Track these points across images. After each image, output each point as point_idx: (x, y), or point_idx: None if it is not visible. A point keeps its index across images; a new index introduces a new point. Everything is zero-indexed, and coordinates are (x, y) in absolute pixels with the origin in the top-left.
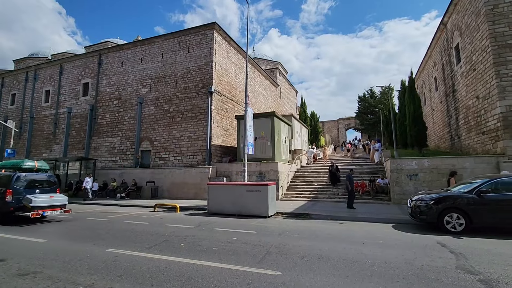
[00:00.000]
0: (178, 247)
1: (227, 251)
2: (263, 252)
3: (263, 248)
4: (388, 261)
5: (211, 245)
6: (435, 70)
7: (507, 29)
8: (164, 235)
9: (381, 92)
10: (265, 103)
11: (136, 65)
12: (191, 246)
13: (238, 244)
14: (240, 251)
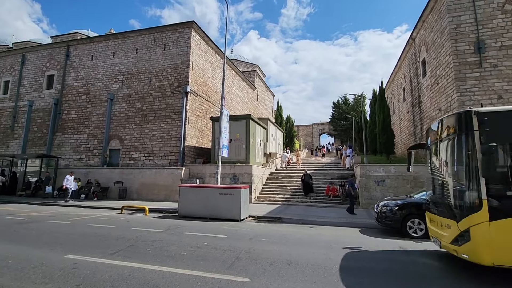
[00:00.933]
0: (144, 252)
1: (196, 256)
2: (233, 258)
3: (233, 254)
4: (353, 267)
5: (180, 250)
6: (404, 82)
7: (468, 48)
8: (130, 239)
9: (354, 99)
10: (241, 105)
11: (107, 60)
12: (158, 251)
13: (207, 249)
14: (209, 257)
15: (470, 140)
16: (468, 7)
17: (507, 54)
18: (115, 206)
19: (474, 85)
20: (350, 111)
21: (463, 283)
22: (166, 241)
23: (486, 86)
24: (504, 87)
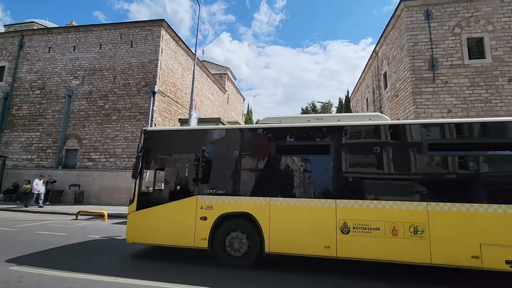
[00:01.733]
0: (100, 262)
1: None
2: None
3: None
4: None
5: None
6: (367, 92)
7: (423, 64)
8: (84, 248)
9: (322, 106)
10: (211, 108)
11: (67, 53)
12: (117, 261)
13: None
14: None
15: (138, 150)
16: (424, 27)
17: (456, 73)
18: (70, 211)
19: (428, 99)
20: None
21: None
22: (126, 250)
23: (438, 101)
24: (453, 102)
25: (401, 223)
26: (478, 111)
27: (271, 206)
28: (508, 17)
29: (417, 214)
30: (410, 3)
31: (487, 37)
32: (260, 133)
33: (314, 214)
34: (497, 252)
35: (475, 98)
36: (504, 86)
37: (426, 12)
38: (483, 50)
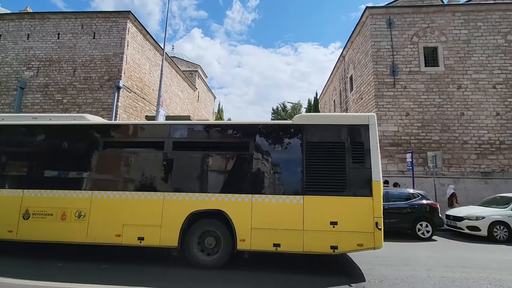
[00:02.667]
0: (54, 267)
1: (117, 270)
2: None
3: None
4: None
5: (100, 263)
6: (335, 94)
7: (385, 70)
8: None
9: (292, 107)
10: (180, 105)
11: (20, 42)
12: (69, 265)
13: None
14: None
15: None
16: (386, 35)
17: (413, 79)
18: None
19: (389, 103)
20: (288, 118)
21: None
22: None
23: (398, 104)
24: (411, 106)
25: (69, 209)
26: (432, 115)
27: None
28: (458, 30)
29: (83, 201)
30: (374, 11)
31: (440, 47)
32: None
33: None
34: (132, 231)
35: (430, 103)
36: (454, 92)
37: (388, 21)
38: (437, 58)
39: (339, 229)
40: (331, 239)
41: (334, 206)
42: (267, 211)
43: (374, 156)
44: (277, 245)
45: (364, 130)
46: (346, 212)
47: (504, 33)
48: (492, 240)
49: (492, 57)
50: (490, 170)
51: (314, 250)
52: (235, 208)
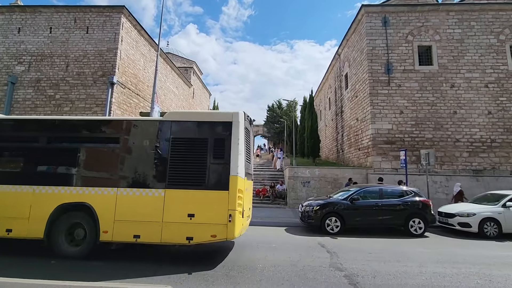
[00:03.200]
0: (46, 266)
1: (111, 264)
2: (155, 265)
3: (155, 262)
4: (277, 265)
5: (90, 261)
6: (330, 92)
7: (380, 68)
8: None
9: (287, 104)
10: (175, 102)
11: (10, 35)
12: (72, 262)
13: (126, 254)
14: (128, 263)
15: None
16: (382, 33)
17: (408, 77)
18: None
19: (383, 101)
20: (283, 115)
21: None
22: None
23: (392, 102)
24: (405, 104)
25: None
26: (425, 113)
27: None
28: (452, 29)
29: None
30: (370, 9)
31: (434, 46)
32: None
33: None
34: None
35: (423, 101)
36: (447, 91)
37: (383, 19)
38: (431, 57)
39: (196, 221)
40: (187, 230)
41: (193, 199)
42: (130, 204)
43: (234, 152)
44: (137, 236)
45: (227, 127)
46: (203, 205)
47: (496, 33)
48: (482, 237)
49: (485, 57)
50: (481, 168)
51: (171, 241)
52: (100, 201)
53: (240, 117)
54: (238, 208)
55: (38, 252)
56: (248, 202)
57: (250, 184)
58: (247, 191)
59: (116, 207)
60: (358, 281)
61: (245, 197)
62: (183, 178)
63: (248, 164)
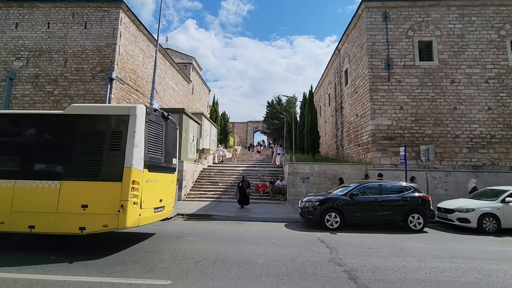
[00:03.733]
0: (46, 260)
1: (112, 261)
2: (155, 260)
3: (156, 255)
4: (276, 260)
5: (93, 256)
6: (330, 88)
7: (380, 63)
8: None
9: (287, 100)
10: (175, 98)
11: (8, 31)
12: (66, 258)
13: (126, 252)
14: (128, 261)
15: None
16: (382, 28)
17: (408, 73)
18: None
19: (383, 96)
20: (283, 111)
21: None
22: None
23: (392, 98)
24: (405, 100)
25: None
26: (425, 109)
27: None
28: (453, 24)
29: None
30: (370, 4)
31: (435, 41)
32: None
33: None
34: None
35: (423, 97)
36: (447, 87)
37: (384, 14)
38: (431, 53)
39: (89, 212)
40: (80, 221)
41: (87, 191)
42: (27, 195)
43: (130, 144)
44: (32, 226)
45: (125, 121)
46: (96, 196)
47: (497, 28)
48: (481, 232)
49: (485, 52)
50: (480, 163)
51: (64, 231)
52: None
53: (139, 111)
54: (132, 199)
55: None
56: (163, 195)
57: (169, 177)
58: (164, 183)
59: (13, 198)
60: (357, 276)
61: (154, 188)
62: (79, 170)
63: (159, 157)
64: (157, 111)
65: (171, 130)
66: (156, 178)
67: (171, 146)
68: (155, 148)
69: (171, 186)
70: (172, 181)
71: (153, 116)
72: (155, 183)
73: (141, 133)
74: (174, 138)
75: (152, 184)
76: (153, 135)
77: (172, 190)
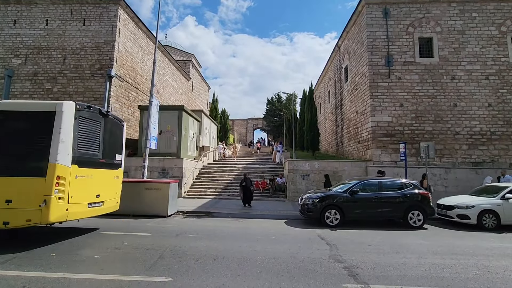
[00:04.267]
0: (47, 258)
1: (113, 259)
2: (156, 257)
3: (156, 252)
4: (276, 257)
5: (93, 253)
6: (330, 85)
7: (380, 60)
8: (27, 245)
9: (287, 98)
10: (174, 95)
11: (6, 28)
12: (65, 256)
13: (127, 250)
14: (129, 258)
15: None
16: (382, 25)
17: (408, 69)
18: None
19: (383, 93)
20: (283, 108)
21: None
22: (76, 244)
23: (392, 95)
24: (405, 97)
25: None
26: (425, 106)
27: None
28: (454, 20)
29: None
30: (370, 0)
31: (435, 38)
32: None
33: None
34: None
35: (424, 94)
36: (448, 83)
37: (384, 10)
38: (431, 49)
39: (13, 207)
40: (4, 215)
41: (12, 186)
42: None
43: (55, 140)
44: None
45: (50, 117)
46: (21, 191)
47: (498, 24)
48: (481, 228)
49: (486, 48)
50: (480, 160)
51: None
52: None
53: (65, 107)
54: (57, 194)
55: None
56: (101, 190)
57: (110, 173)
58: (103, 179)
59: None
60: (357, 273)
61: (88, 184)
62: (4, 166)
63: (94, 153)
64: (91, 107)
65: (113, 126)
66: (90, 174)
67: (113, 142)
68: (88, 144)
69: (113, 181)
70: (116, 177)
71: (86, 112)
72: (88, 178)
73: (68, 129)
74: (118, 135)
75: (84, 180)
76: (85, 131)
77: (116, 185)
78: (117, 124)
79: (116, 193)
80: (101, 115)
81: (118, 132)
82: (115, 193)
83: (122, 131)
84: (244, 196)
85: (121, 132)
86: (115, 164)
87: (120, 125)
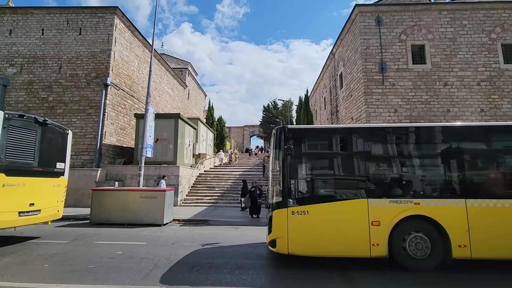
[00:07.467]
0: (40, 269)
1: (107, 268)
2: (150, 266)
3: (151, 262)
4: (273, 265)
5: (87, 263)
6: (325, 92)
7: (374, 67)
8: (22, 254)
9: (283, 104)
10: (171, 103)
11: (1, 37)
12: (59, 266)
13: (121, 259)
14: (123, 267)
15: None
16: (375, 32)
17: (401, 76)
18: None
19: (377, 100)
20: (279, 115)
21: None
22: (70, 254)
23: (386, 101)
24: (399, 103)
25: None
26: (419, 111)
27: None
28: (445, 28)
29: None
30: (363, 9)
31: (427, 45)
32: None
33: None
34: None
35: (417, 100)
36: (440, 89)
37: (377, 19)
38: (424, 56)
39: None
40: None
41: None
42: None
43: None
44: None
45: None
46: None
47: (488, 31)
48: None
49: (477, 55)
50: None
51: None
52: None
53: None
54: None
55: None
56: (36, 199)
57: (49, 181)
58: (38, 187)
59: None
60: (353, 278)
61: (18, 193)
62: None
63: (27, 161)
64: (25, 116)
65: (54, 135)
66: (21, 182)
67: (53, 151)
68: (20, 153)
69: (53, 190)
70: (57, 185)
71: (17, 121)
72: (18, 187)
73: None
74: (60, 143)
75: (13, 189)
76: (16, 140)
77: (56, 194)
78: (59, 133)
79: (57, 201)
80: (37, 123)
81: (60, 140)
82: (55, 201)
83: (65, 139)
84: (252, 205)
85: (64, 140)
86: (56, 172)
87: (63, 134)
